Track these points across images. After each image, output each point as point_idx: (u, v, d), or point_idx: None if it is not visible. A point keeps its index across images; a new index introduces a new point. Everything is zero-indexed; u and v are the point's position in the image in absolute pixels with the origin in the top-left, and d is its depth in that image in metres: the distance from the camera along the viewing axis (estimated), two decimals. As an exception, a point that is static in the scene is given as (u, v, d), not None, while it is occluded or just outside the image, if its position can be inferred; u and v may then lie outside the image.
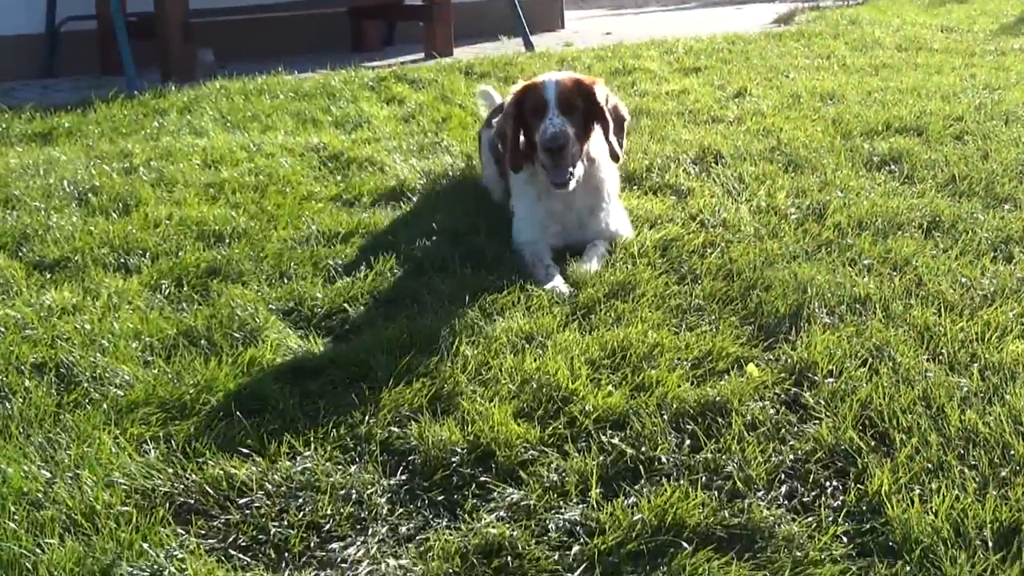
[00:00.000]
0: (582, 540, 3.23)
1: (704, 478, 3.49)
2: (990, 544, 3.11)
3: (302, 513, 3.40)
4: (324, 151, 7.65)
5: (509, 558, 3.14)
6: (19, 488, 3.45)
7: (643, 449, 3.65)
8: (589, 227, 5.73)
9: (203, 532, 3.33)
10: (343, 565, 3.18)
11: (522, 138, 5.69)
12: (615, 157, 5.68)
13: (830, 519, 3.28)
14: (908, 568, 3.04)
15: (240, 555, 3.23)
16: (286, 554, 3.24)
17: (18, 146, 8.09)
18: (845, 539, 3.20)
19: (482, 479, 3.55)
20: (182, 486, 3.52)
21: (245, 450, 3.73)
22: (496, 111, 6.61)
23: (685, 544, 3.16)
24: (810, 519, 3.29)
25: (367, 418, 3.92)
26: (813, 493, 3.44)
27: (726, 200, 6.26)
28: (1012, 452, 3.54)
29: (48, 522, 3.30)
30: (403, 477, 3.60)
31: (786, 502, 3.41)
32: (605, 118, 5.62)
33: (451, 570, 3.11)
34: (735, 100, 9.27)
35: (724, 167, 6.97)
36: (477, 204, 6.40)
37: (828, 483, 3.49)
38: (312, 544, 3.29)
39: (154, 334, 4.59)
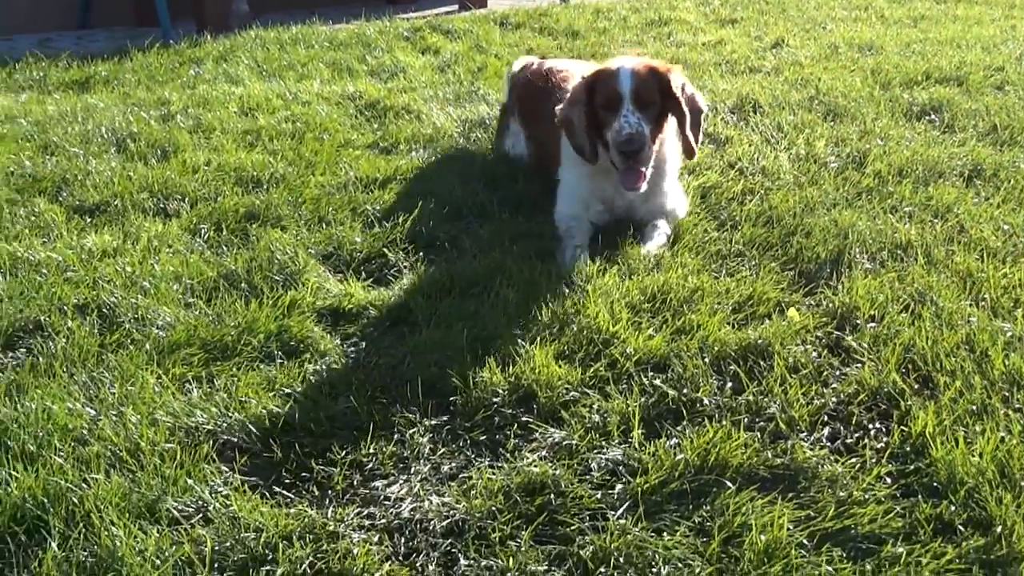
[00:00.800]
0: (624, 479, 3.23)
1: (746, 419, 3.49)
2: (1035, 485, 3.11)
3: (345, 451, 3.42)
4: (360, 99, 7.63)
5: (552, 496, 3.15)
6: (64, 425, 3.48)
7: (685, 391, 3.65)
8: (642, 208, 5.21)
9: (246, 469, 3.35)
10: (386, 502, 3.20)
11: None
12: (690, 153, 5.16)
13: (873, 460, 3.28)
14: (953, 508, 3.04)
15: (284, 491, 3.25)
16: (329, 491, 3.26)
17: (56, 94, 8.11)
18: (889, 480, 3.20)
19: (524, 419, 3.56)
20: (225, 424, 3.54)
21: (287, 390, 3.75)
22: (518, 77, 6.30)
23: (728, 483, 3.17)
24: (853, 460, 3.29)
25: (408, 360, 3.93)
26: (856, 435, 3.44)
27: (765, 148, 6.22)
28: (1057, 396, 3.53)
29: (94, 458, 3.32)
30: (444, 417, 3.61)
31: (829, 443, 3.40)
32: (682, 110, 5.05)
33: (494, 507, 3.11)
34: (772, 51, 9.20)
35: (762, 116, 6.92)
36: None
37: (871, 425, 3.48)
38: (355, 482, 3.31)
39: (195, 277, 4.61)
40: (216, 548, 2.97)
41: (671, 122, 5.18)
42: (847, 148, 6.16)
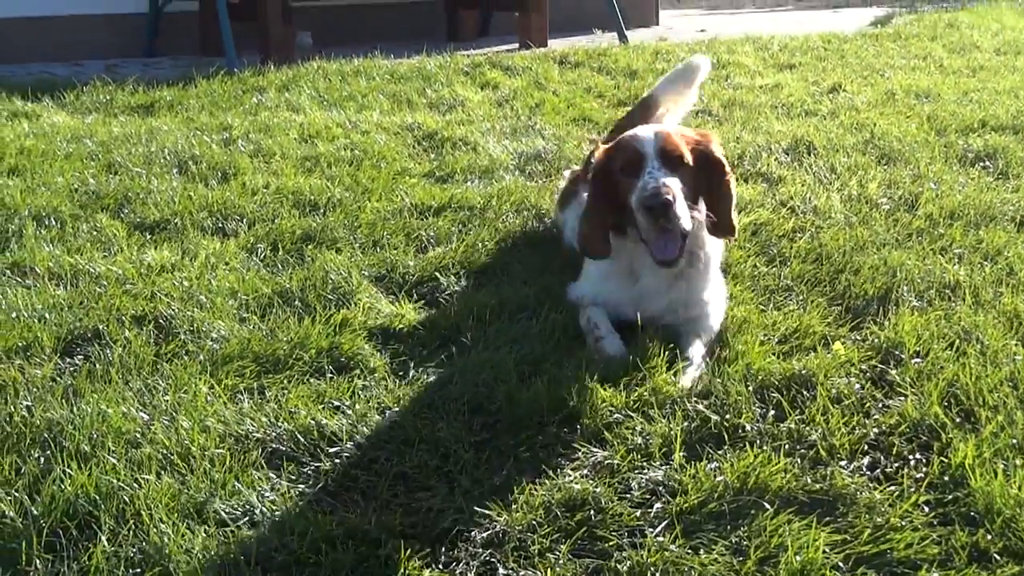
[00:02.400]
0: (664, 499, 3.28)
1: (787, 446, 3.52)
2: (1073, 518, 3.12)
3: (390, 464, 3.48)
4: (418, 130, 7.74)
5: (592, 512, 3.20)
6: (118, 428, 3.57)
7: (727, 416, 3.69)
8: (676, 310, 4.43)
9: (293, 477, 3.42)
10: (429, 513, 3.25)
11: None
12: (730, 229, 4.40)
13: (912, 489, 3.30)
14: (989, 537, 3.06)
15: (329, 499, 3.32)
16: (373, 501, 3.32)
17: (121, 116, 8.27)
18: (926, 508, 3.21)
19: (567, 439, 3.61)
20: (274, 434, 3.62)
21: (335, 403, 3.83)
22: (582, 173, 5.17)
23: (767, 506, 3.20)
24: (892, 488, 3.31)
25: (455, 378, 3.99)
26: (896, 464, 3.46)
27: (817, 188, 6.26)
28: (1099, 434, 3.54)
29: (145, 460, 3.41)
30: (489, 435, 3.67)
31: (868, 472, 3.43)
32: (725, 176, 4.39)
33: (534, 521, 3.16)
34: (829, 95, 9.23)
35: (816, 158, 6.96)
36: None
37: (911, 456, 3.50)
38: (399, 492, 3.36)
39: (250, 293, 4.71)
40: (261, 549, 3.04)
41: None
42: (899, 191, 6.19)
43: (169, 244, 5.36)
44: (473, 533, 3.15)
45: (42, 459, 3.41)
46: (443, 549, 3.10)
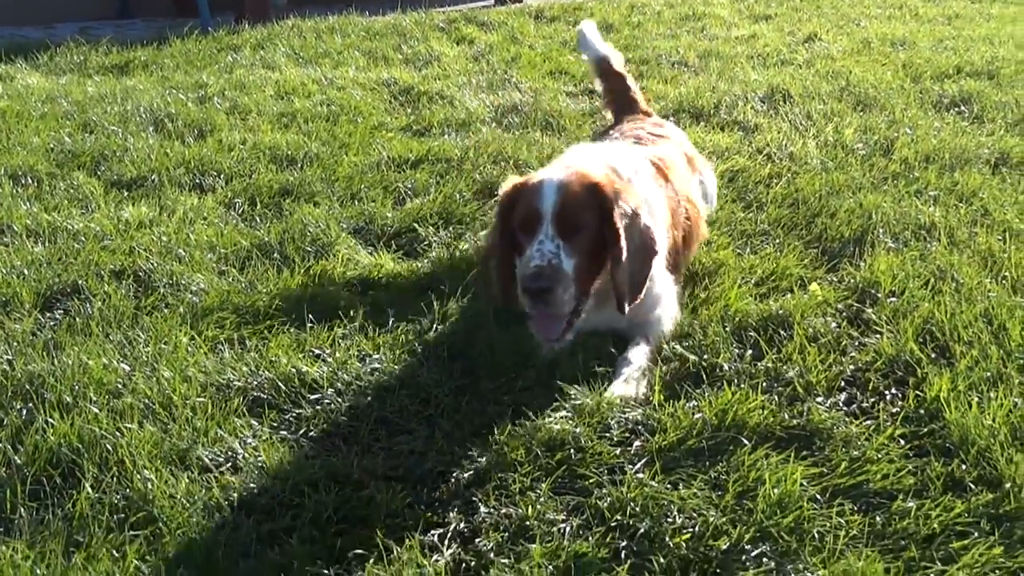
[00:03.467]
0: (643, 437, 3.31)
1: (765, 384, 3.56)
2: (1046, 447, 3.16)
3: (371, 409, 3.51)
4: (395, 85, 7.72)
5: (572, 451, 3.23)
6: (100, 379, 3.59)
7: (705, 356, 3.73)
8: (621, 319, 3.96)
9: (275, 424, 3.45)
10: (411, 456, 3.28)
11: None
12: (620, 306, 3.82)
13: (888, 423, 3.34)
14: (964, 467, 3.10)
15: (311, 444, 3.34)
16: (355, 445, 3.34)
17: (96, 77, 8.23)
18: (902, 441, 3.26)
19: (547, 381, 3.62)
20: (255, 382, 3.64)
21: (316, 351, 3.84)
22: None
23: (744, 441, 3.23)
24: (868, 422, 3.35)
25: (435, 326, 4.01)
26: (872, 399, 3.50)
27: (793, 135, 6.28)
28: (1072, 366, 3.58)
29: (127, 409, 3.43)
30: (469, 380, 3.69)
31: (845, 407, 3.47)
32: (618, 245, 3.76)
33: (515, 461, 3.19)
34: (805, 45, 9.25)
35: (792, 105, 6.98)
36: (545, 133, 6.45)
37: (887, 391, 3.54)
38: (381, 436, 3.39)
39: (228, 246, 4.71)
40: (244, 494, 3.07)
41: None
42: (875, 136, 6.22)
43: (147, 200, 5.35)
44: (455, 474, 3.18)
45: (24, 410, 3.43)
46: (425, 490, 3.13)
